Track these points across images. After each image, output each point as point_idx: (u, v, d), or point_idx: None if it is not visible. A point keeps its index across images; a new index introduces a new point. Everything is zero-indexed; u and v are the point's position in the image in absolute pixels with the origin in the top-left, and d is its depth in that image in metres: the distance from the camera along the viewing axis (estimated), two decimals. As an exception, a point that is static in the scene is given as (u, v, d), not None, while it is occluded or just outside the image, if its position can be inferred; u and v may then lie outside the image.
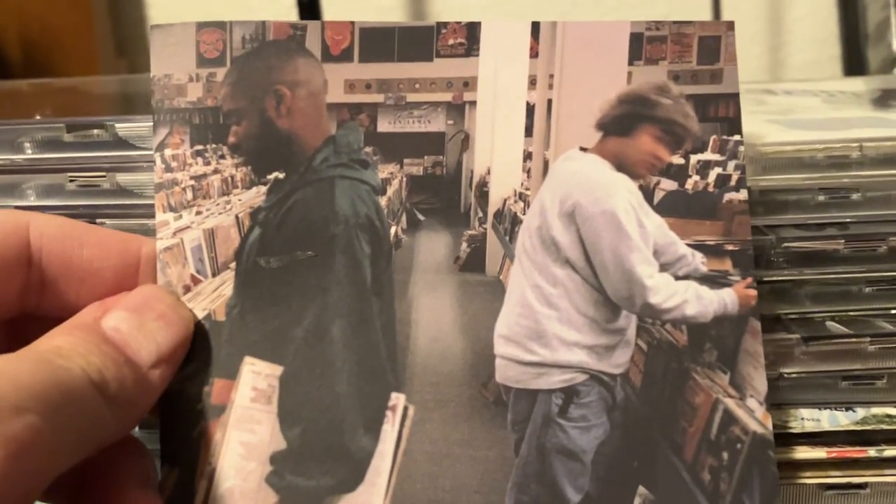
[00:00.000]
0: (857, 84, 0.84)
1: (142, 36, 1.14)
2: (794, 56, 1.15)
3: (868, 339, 0.50)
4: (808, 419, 0.50)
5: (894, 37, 0.98)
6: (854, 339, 0.50)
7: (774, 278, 0.50)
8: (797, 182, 0.51)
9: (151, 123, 0.46)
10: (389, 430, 0.44)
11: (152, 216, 0.46)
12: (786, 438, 0.49)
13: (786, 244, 0.50)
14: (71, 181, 0.52)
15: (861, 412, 0.50)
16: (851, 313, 0.51)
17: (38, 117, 0.54)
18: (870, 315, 0.51)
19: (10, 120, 0.53)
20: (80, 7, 1.06)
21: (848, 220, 0.51)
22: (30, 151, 0.52)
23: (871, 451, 0.50)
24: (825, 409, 0.50)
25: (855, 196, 0.51)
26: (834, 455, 0.49)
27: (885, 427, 0.50)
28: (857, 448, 0.50)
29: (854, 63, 1.03)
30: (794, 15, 1.14)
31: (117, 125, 0.51)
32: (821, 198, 0.51)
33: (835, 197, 0.51)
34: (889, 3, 0.99)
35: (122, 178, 0.51)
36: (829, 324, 0.51)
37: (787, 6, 1.14)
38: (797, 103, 0.67)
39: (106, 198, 0.52)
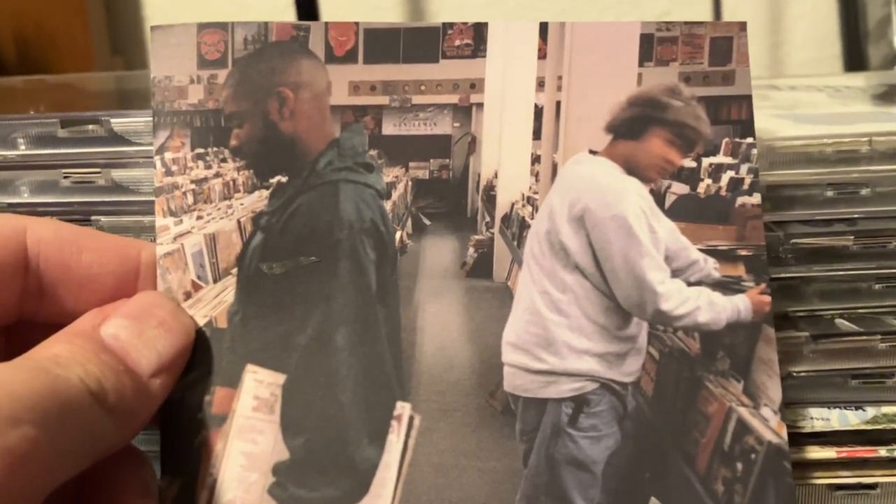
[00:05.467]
0: (861, 79, 0.83)
1: (137, 34, 1.13)
2: (795, 54, 1.14)
3: (878, 336, 0.49)
4: (818, 418, 0.49)
5: (895, 34, 0.98)
6: (864, 337, 0.49)
7: (782, 275, 0.50)
8: (805, 177, 0.50)
9: (147, 118, 0.45)
10: (395, 441, 0.43)
11: (148, 213, 0.45)
12: (795, 438, 0.48)
13: (794, 240, 0.50)
14: (65, 177, 0.51)
15: (871, 411, 0.49)
16: (861, 311, 0.50)
17: (31, 113, 0.53)
18: (880, 312, 0.50)
19: (4, 115, 0.52)
20: (76, 6, 1.05)
21: (857, 215, 0.50)
22: (23, 147, 0.51)
23: (882, 451, 0.49)
24: (835, 408, 0.50)
25: (864, 191, 0.50)
26: (844, 455, 0.49)
27: (895, 426, 0.49)
28: (868, 448, 0.49)
29: (854, 61, 1.03)
30: (794, 13, 1.13)
31: (112, 120, 0.50)
32: (829, 193, 0.50)
33: (843, 192, 0.50)
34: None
35: (117, 174, 0.51)
36: (839, 321, 0.50)
37: (787, 4, 1.13)
38: (802, 98, 0.67)
39: (100, 194, 0.51)
